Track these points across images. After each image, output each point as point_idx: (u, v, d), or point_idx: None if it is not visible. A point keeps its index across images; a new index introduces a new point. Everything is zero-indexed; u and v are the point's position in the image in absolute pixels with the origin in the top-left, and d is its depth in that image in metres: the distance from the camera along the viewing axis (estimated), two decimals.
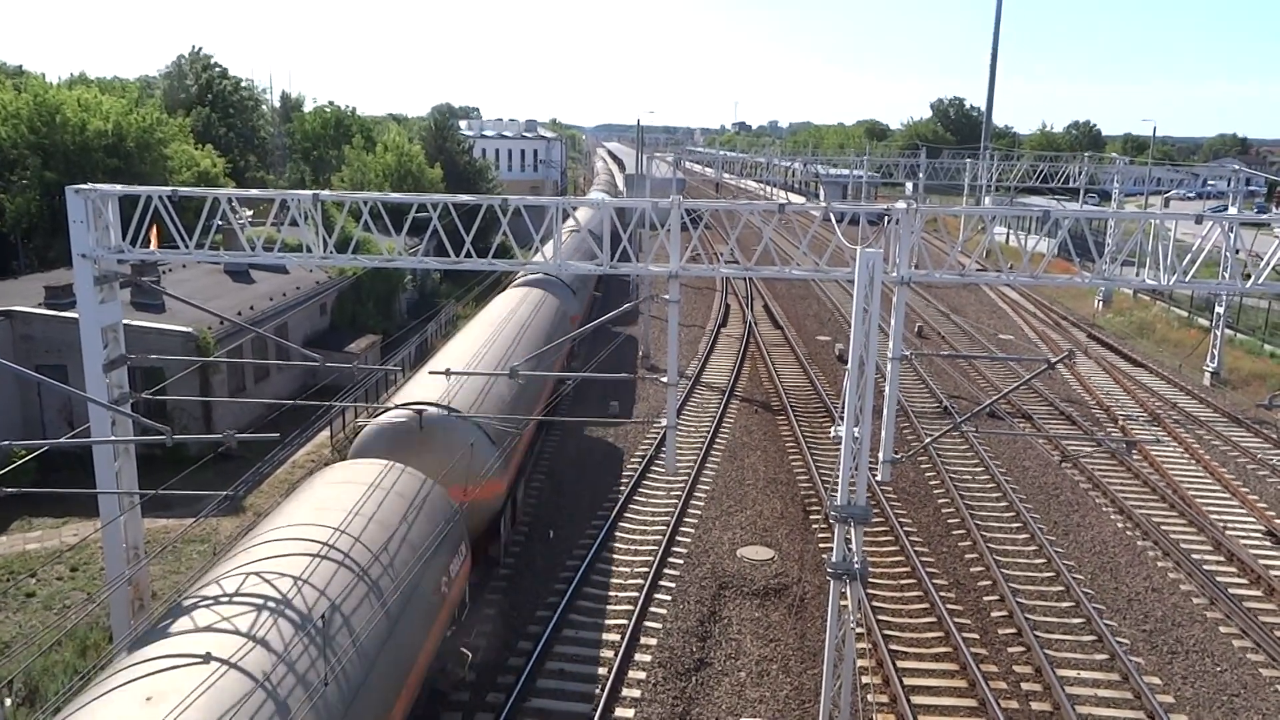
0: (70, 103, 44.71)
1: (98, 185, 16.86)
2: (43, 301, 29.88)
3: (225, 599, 12.27)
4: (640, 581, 22.10)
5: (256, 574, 12.87)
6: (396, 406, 21.08)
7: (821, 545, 24.45)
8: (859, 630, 17.88)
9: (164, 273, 36.06)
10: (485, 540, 21.43)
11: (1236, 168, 53.62)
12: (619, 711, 17.59)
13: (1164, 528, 25.74)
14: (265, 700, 10.60)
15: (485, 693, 17.96)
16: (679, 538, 24.59)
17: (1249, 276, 18.66)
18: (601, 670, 18.78)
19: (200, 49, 72.64)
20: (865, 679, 18.24)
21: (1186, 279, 18.21)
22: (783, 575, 22.90)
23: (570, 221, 55.29)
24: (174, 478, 16.94)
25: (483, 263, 18.08)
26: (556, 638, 19.85)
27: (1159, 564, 23.81)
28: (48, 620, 20.11)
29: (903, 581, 22.80)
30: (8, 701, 16.72)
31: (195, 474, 18.49)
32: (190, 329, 29.60)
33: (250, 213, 41.59)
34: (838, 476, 14.45)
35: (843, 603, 15.06)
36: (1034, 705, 18.10)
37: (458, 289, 54.50)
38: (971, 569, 23.49)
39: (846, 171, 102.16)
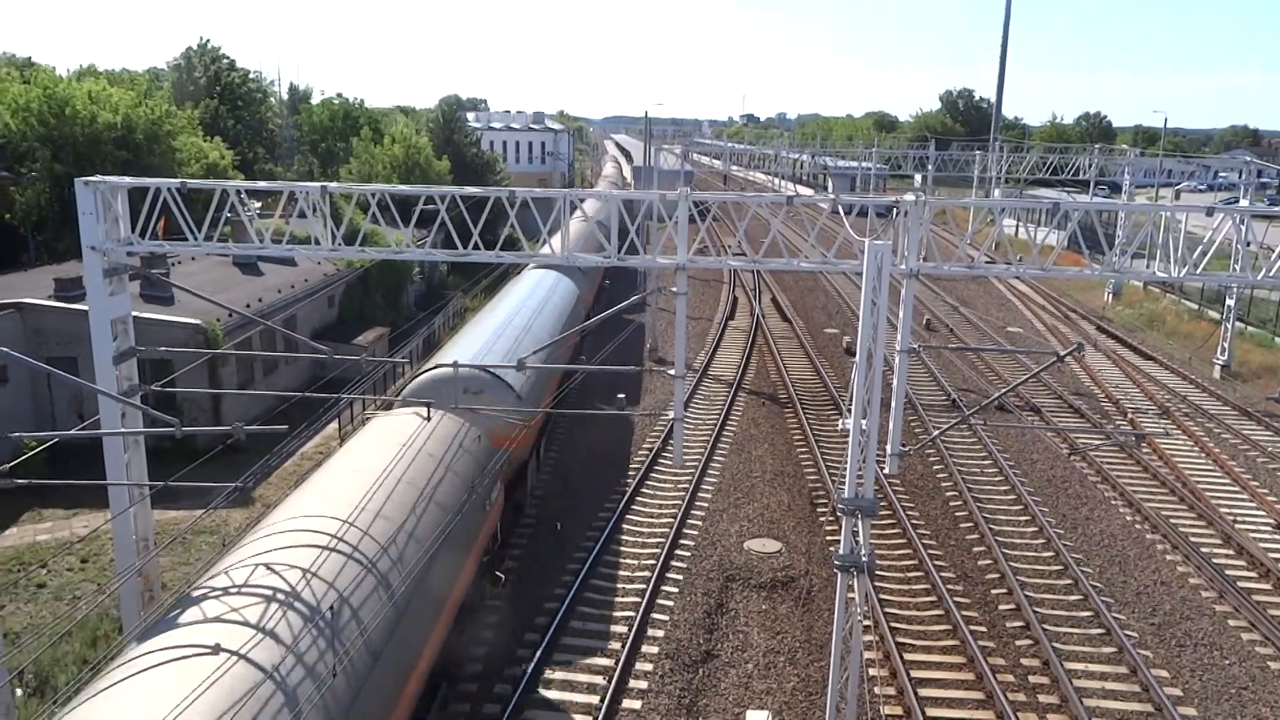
0: (80, 95, 44.77)
1: (107, 177, 16.89)
2: (53, 294, 29.99)
3: (235, 590, 12.32)
4: (647, 574, 22.14)
5: (266, 565, 12.92)
6: (437, 366, 22.97)
7: (829, 538, 24.45)
8: (866, 623, 17.87)
9: (173, 265, 36.17)
10: (514, 488, 23.51)
11: (1248, 159, 53.34)
12: (626, 703, 17.64)
13: (1173, 521, 25.67)
14: (274, 691, 10.65)
15: (493, 684, 18.04)
16: (686, 530, 24.61)
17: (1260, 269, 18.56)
18: (609, 662, 18.82)
19: (208, 41, 72.99)
20: (872, 671, 18.24)
21: (1197, 271, 18.11)
22: (790, 568, 22.91)
23: (578, 213, 55.35)
24: (183, 469, 16.99)
25: (490, 255, 18.08)
26: (564, 629, 19.90)
27: (1168, 557, 23.75)
28: (58, 611, 20.23)
29: (910, 574, 22.79)
30: (19, 691, 16.83)
31: (204, 466, 18.55)
32: (199, 321, 29.68)
33: (259, 205, 41.69)
34: (845, 469, 14.43)
35: (850, 595, 15.06)
36: (1041, 698, 18.10)
37: (465, 281, 54.53)
38: (979, 562, 23.46)
39: (855, 163, 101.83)
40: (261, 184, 18.68)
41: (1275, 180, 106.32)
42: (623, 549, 23.64)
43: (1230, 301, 41.75)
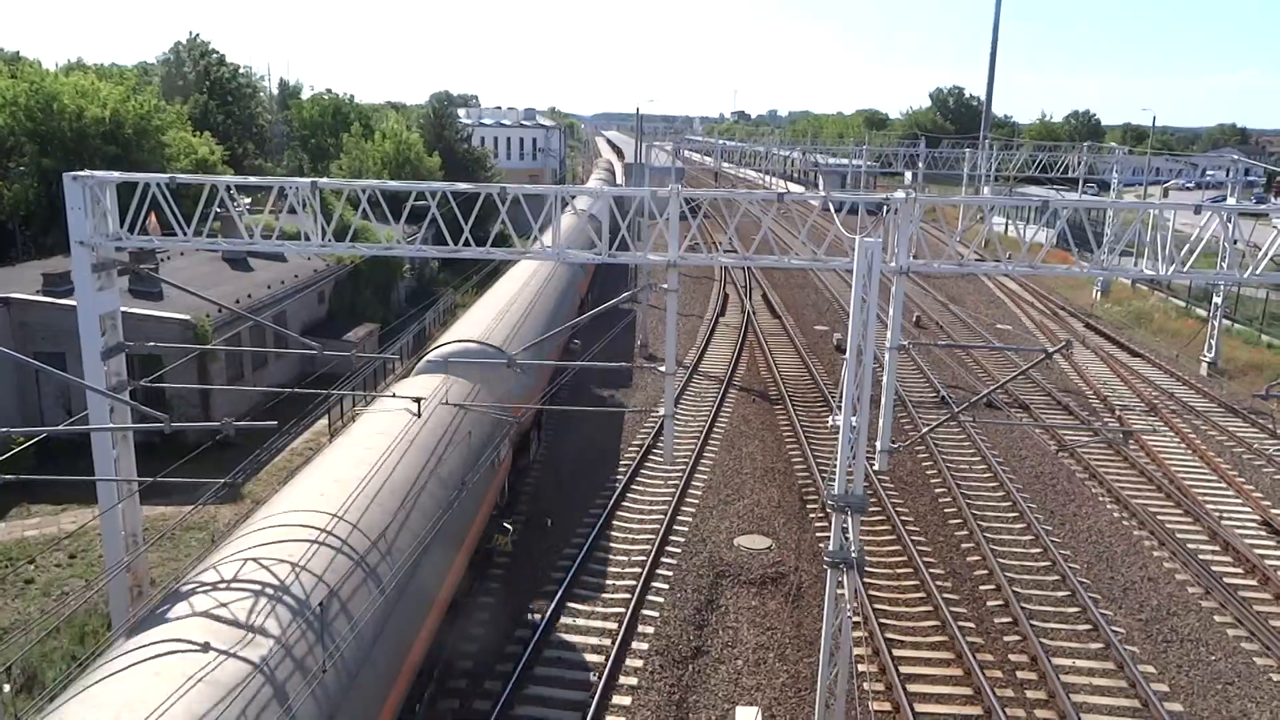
0: (67, 89, 44.54)
1: (95, 172, 16.82)
2: (41, 289, 29.84)
3: (224, 585, 12.30)
4: (638, 570, 22.16)
5: (256, 560, 12.90)
6: (450, 342, 24.46)
7: (818, 534, 24.51)
8: (855, 619, 17.93)
9: (162, 260, 36.01)
10: (521, 450, 26.05)
11: (1235, 158, 53.62)
12: (616, 699, 17.67)
13: (1160, 517, 25.82)
14: (264, 686, 10.64)
15: (483, 681, 18.04)
16: (676, 526, 24.64)
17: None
18: (599, 658, 18.84)
19: (198, 35, 72.50)
20: (861, 667, 18.31)
21: (1184, 269, 18.21)
22: (780, 564, 22.97)
23: (569, 210, 55.25)
24: (172, 465, 16.95)
25: (481, 251, 18.09)
26: (554, 626, 19.91)
27: (1155, 553, 23.89)
28: (46, 607, 20.16)
29: (899, 570, 22.87)
30: (6, 688, 16.77)
31: (193, 462, 18.49)
32: (188, 317, 29.57)
33: (248, 200, 41.53)
34: (835, 466, 14.48)
35: (839, 591, 15.10)
36: (1029, 694, 18.19)
37: (456, 277, 54.46)
38: (968, 558, 23.56)
39: (845, 161, 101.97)
40: (251, 179, 18.63)
41: (1262, 178, 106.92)
42: (613, 545, 23.66)
43: (1217, 299, 41.98)
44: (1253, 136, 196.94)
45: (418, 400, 18.56)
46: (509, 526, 22.57)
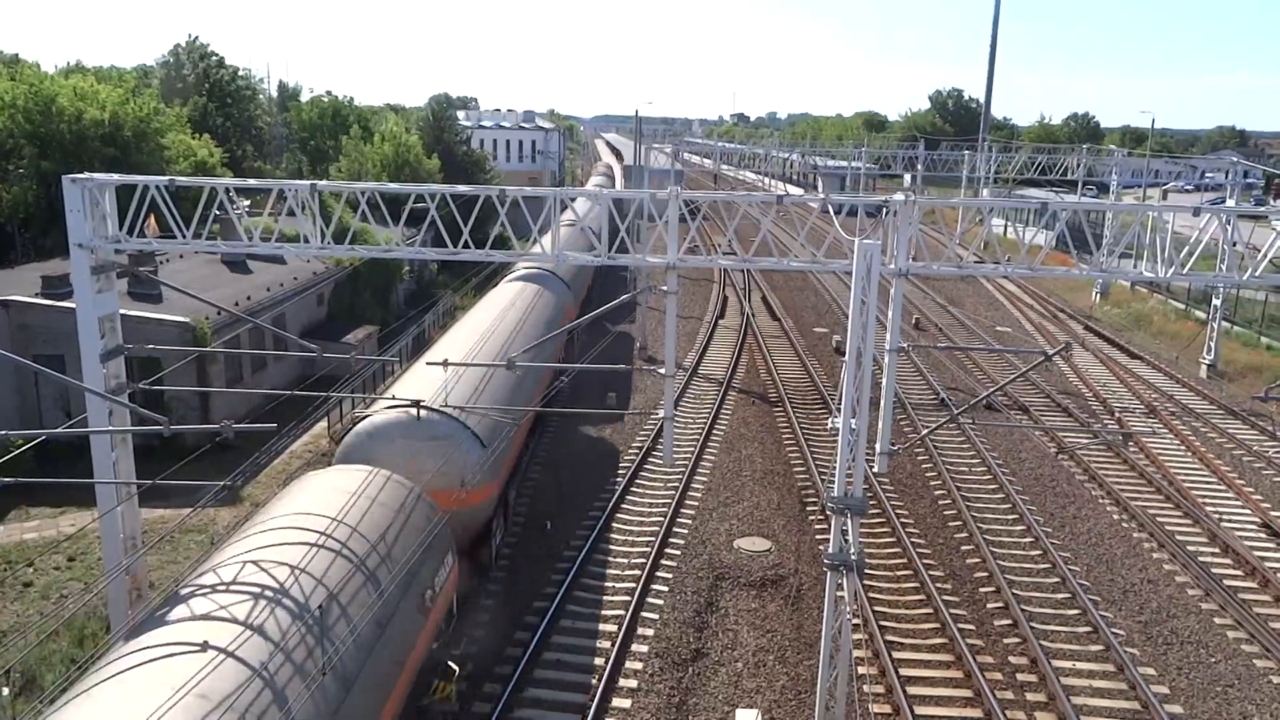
0: (66, 92, 44.56)
1: (94, 175, 16.82)
2: (40, 291, 29.83)
3: (223, 588, 12.29)
4: (637, 572, 22.14)
5: (255, 563, 12.89)
6: (382, 408, 19.94)
7: (818, 536, 24.49)
8: (855, 621, 17.92)
9: (161, 263, 36.01)
10: (477, 544, 20.67)
11: (1234, 160, 53.66)
12: (616, 702, 17.64)
13: (1160, 520, 25.80)
14: (263, 689, 10.63)
15: (482, 684, 18.01)
16: (676, 529, 24.62)
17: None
18: (598, 661, 18.82)
19: (197, 38, 72.52)
20: (861, 669, 18.29)
21: (1184, 271, 18.21)
22: (779, 566, 22.95)
23: (568, 213, 55.19)
24: (171, 468, 16.93)
25: (480, 253, 18.09)
26: (553, 628, 19.88)
27: (1154, 556, 23.88)
28: (45, 610, 20.13)
29: (899, 573, 22.85)
30: (5, 690, 16.74)
31: (192, 464, 18.49)
32: (187, 319, 29.56)
33: (247, 203, 41.56)
34: (835, 468, 14.47)
35: (839, 593, 15.09)
36: (1029, 696, 18.17)
37: (455, 279, 54.45)
38: (968, 560, 23.54)
39: (845, 163, 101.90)
40: (250, 182, 18.62)
41: (1261, 180, 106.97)
42: (613, 547, 23.64)
43: (1216, 301, 42.00)
44: (1251, 139, 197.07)
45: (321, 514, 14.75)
46: (454, 667, 16.65)
